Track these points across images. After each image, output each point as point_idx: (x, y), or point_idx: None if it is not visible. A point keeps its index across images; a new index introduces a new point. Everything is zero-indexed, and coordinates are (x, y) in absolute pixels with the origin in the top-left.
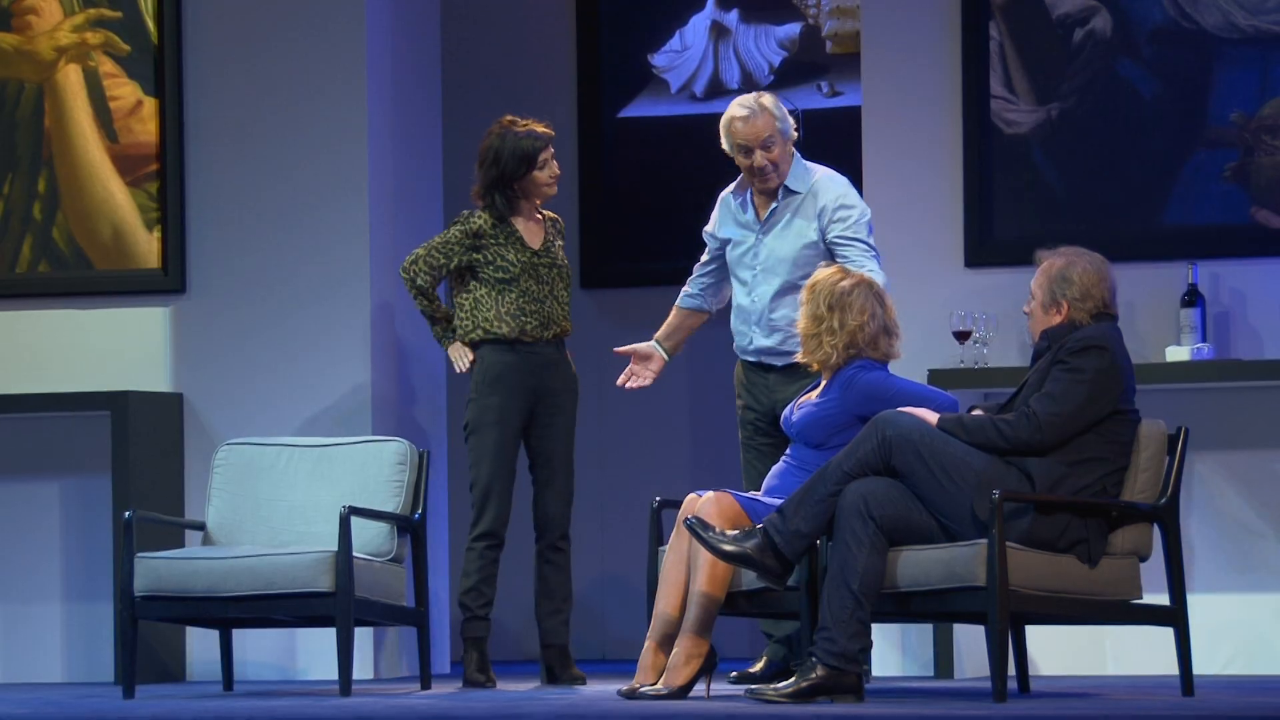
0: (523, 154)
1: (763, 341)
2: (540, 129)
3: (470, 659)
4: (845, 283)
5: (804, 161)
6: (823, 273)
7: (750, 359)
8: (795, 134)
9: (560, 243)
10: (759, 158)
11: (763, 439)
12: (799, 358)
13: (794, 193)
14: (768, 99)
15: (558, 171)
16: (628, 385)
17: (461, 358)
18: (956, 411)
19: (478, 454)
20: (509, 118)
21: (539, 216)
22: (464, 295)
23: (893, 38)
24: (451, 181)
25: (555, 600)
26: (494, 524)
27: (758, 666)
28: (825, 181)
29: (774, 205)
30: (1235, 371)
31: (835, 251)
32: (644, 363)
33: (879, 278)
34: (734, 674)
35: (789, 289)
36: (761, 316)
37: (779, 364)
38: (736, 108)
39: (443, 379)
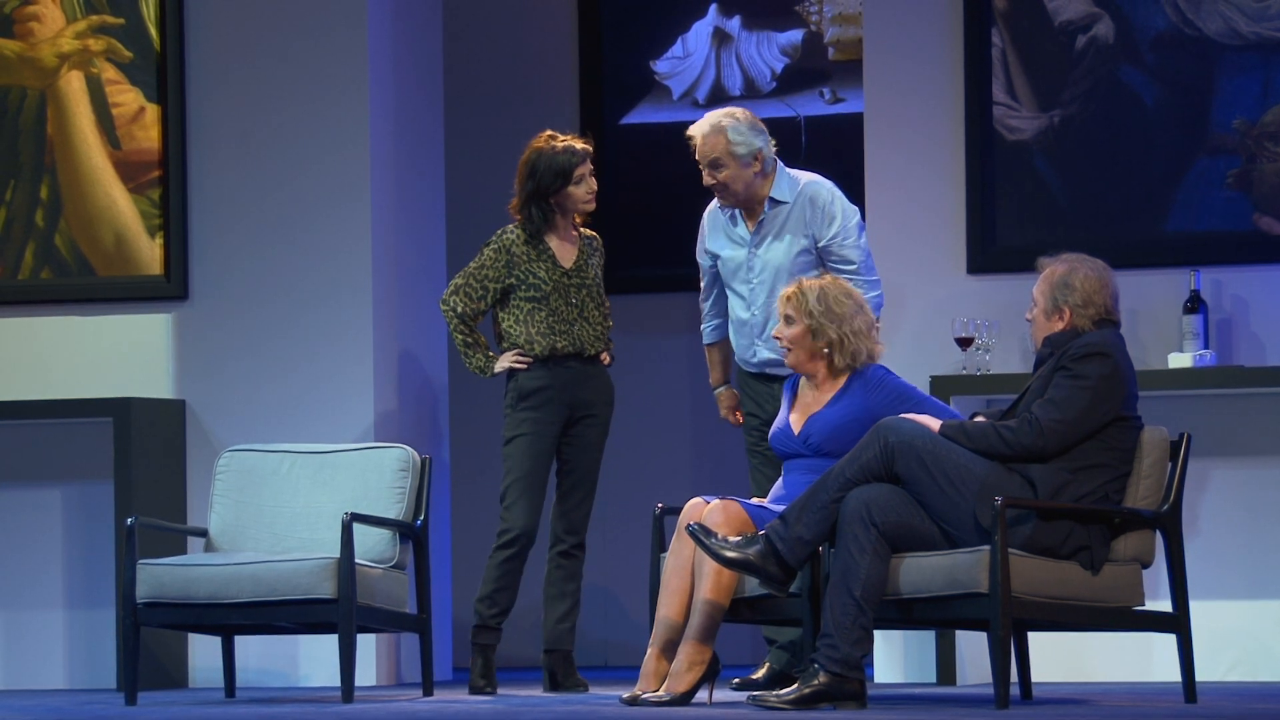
0: (558, 169)
1: (766, 354)
2: (579, 145)
3: (474, 664)
4: (831, 288)
5: (789, 171)
6: (795, 285)
7: (753, 370)
8: (762, 156)
9: (596, 261)
10: (706, 176)
11: (764, 445)
12: (789, 360)
13: (780, 203)
14: (730, 120)
15: (594, 187)
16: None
17: (516, 359)
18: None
19: (509, 465)
20: (548, 133)
21: (575, 234)
22: (501, 316)
23: (895, 44)
24: (454, 188)
25: (563, 607)
26: (514, 534)
27: (760, 673)
28: (811, 188)
29: (761, 217)
30: (1238, 378)
31: (829, 269)
32: (732, 409)
33: (875, 297)
34: (736, 680)
35: None
36: (763, 329)
37: (784, 374)
38: (696, 124)
39: (445, 385)
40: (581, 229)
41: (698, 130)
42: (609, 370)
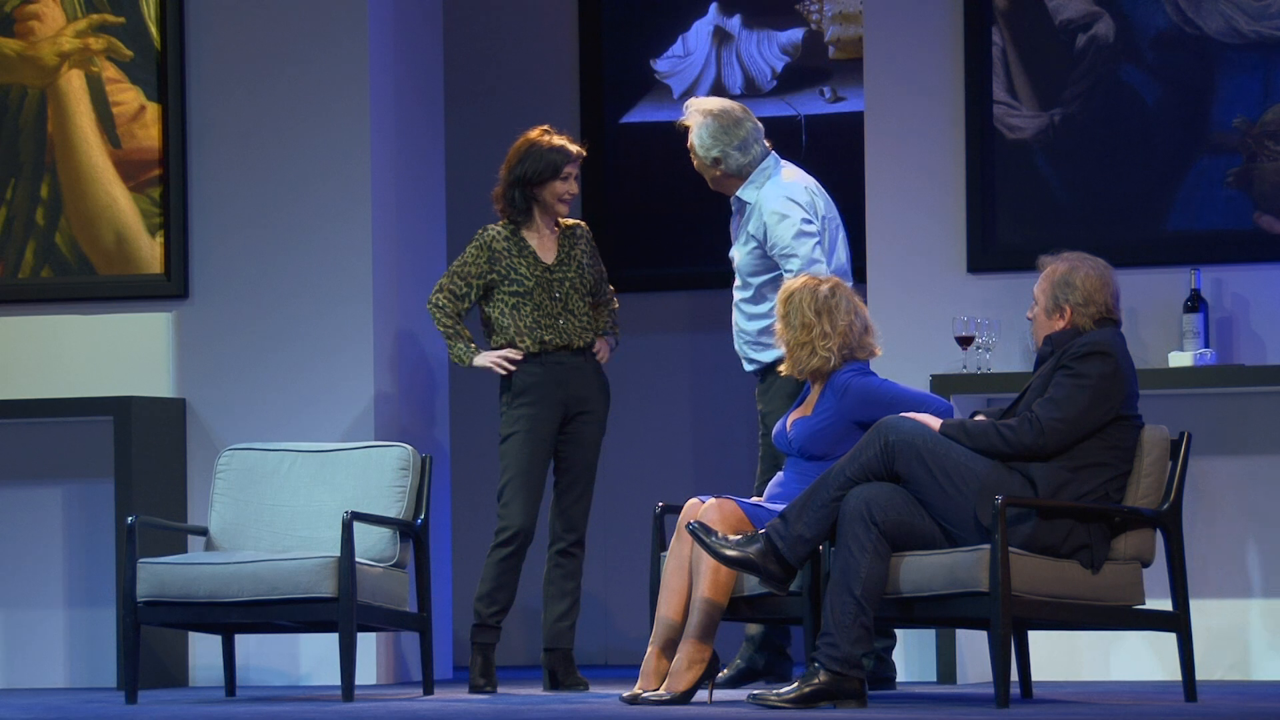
0: (549, 162)
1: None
2: (574, 147)
3: (474, 664)
4: (824, 288)
5: (776, 166)
6: (795, 282)
7: None
8: (722, 166)
9: (583, 249)
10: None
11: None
12: (784, 370)
13: (745, 203)
14: (705, 117)
15: (575, 190)
16: None
17: (499, 362)
18: (951, 416)
19: (505, 462)
20: (545, 127)
21: (555, 230)
22: (487, 311)
23: (895, 43)
24: (454, 188)
25: (563, 605)
26: (511, 531)
27: (728, 670)
28: (767, 190)
29: (734, 217)
30: (1238, 377)
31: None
32: None
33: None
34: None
35: (745, 301)
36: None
37: (749, 370)
38: (692, 101)
39: (446, 384)
40: (562, 220)
41: (689, 109)
42: (605, 366)
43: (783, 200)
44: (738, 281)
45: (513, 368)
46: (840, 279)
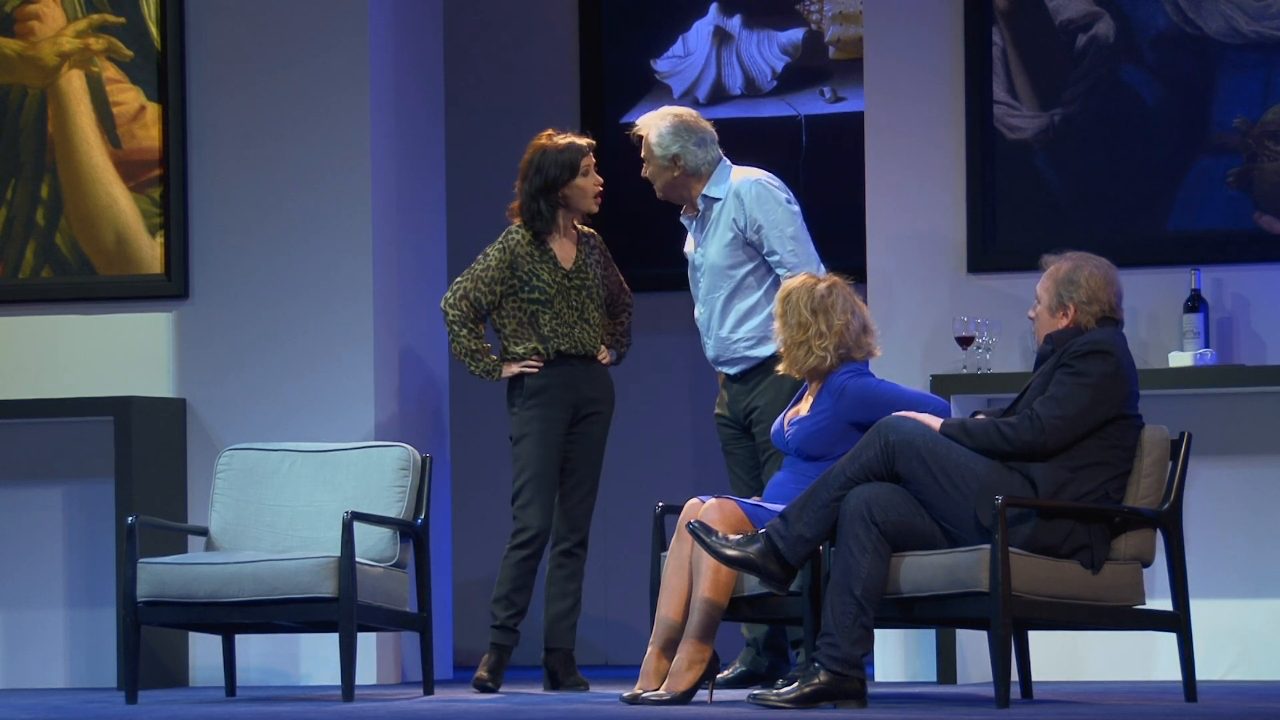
0: (565, 162)
1: (713, 352)
2: (582, 140)
3: (486, 659)
4: (821, 286)
5: (730, 166)
6: (794, 281)
7: (715, 368)
8: (680, 163)
9: (596, 259)
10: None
11: (733, 445)
12: (781, 369)
13: (715, 200)
14: (660, 120)
15: (600, 181)
16: None
17: (526, 366)
18: (949, 415)
19: (521, 464)
20: (549, 131)
21: (574, 233)
22: (499, 319)
23: (896, 43)
24: (454, 188)
25: (564, 605)
26: (532, 533)
27: (728, 672)
28: (739, 184)
29: (701, 215)
30: (1238, 377)
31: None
32: None
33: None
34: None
35: (730, 298)
36: (709, 327)
37: (730, 372)
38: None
39: (446, 384)
40: (579, 226)
41: (639, 121)
42: (611, 370)
43: (765, 185)
44: (705, 287)
45: (540, 363)
46: (839, 278)
